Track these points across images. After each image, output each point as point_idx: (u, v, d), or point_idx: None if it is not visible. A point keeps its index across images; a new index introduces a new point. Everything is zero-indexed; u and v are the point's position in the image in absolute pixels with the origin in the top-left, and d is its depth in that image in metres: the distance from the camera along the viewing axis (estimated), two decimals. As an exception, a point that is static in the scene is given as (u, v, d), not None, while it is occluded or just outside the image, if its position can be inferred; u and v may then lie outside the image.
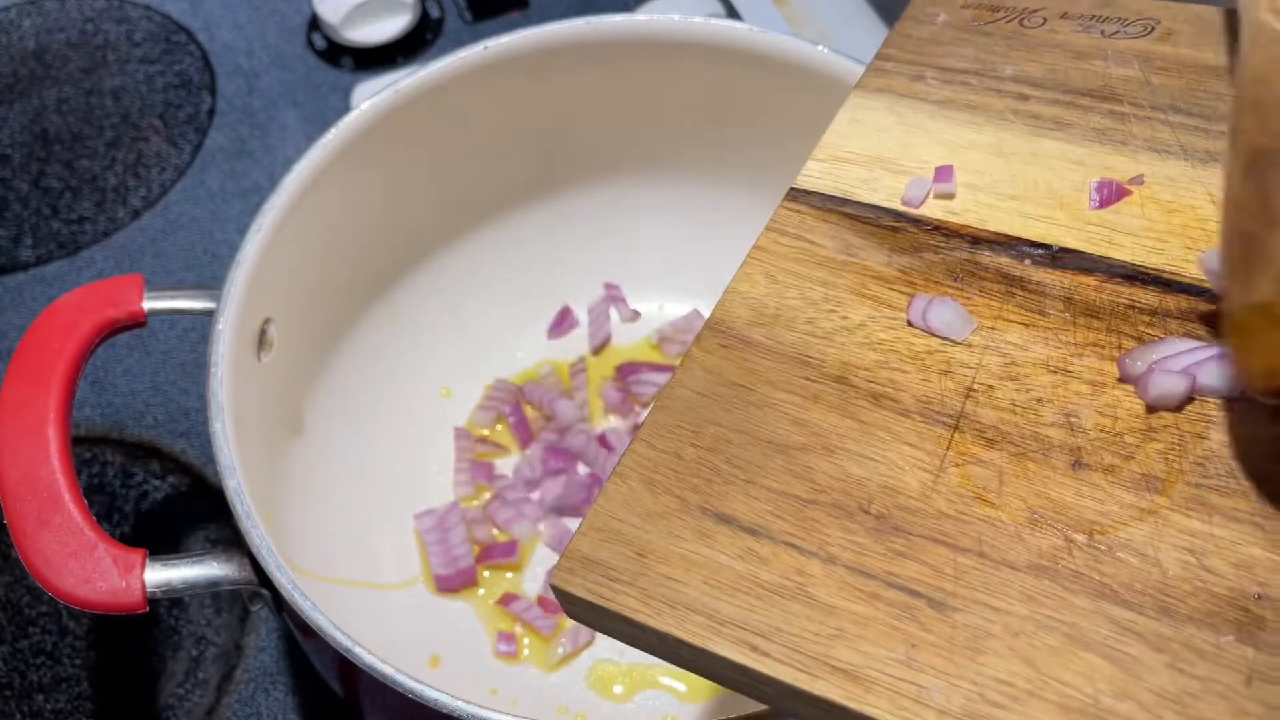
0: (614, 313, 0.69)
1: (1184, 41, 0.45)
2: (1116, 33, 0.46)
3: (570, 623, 0.58)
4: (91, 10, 0.89)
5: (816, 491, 0.35)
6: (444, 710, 0.40)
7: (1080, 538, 0.33)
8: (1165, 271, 0.38)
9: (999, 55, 0.46)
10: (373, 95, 0.56)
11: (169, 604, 0.61)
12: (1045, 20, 0.47)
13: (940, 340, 0.38)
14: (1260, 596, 0.31)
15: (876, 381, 0.37)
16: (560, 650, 0.58)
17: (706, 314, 0.68)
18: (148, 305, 0.51)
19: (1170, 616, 0.31)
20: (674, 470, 0.36)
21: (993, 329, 0.38)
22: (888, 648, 0.31)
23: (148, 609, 0.45)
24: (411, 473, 0.63)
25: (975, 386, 0.37)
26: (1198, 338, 0.36)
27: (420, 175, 0.61)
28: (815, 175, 0.44)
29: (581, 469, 0.63)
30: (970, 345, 0.38)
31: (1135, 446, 0.34)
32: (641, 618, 0.33)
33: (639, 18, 0.59)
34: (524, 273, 0.68)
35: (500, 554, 0.60)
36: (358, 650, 0.42)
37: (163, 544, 0.63)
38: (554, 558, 0.61)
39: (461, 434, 0.65)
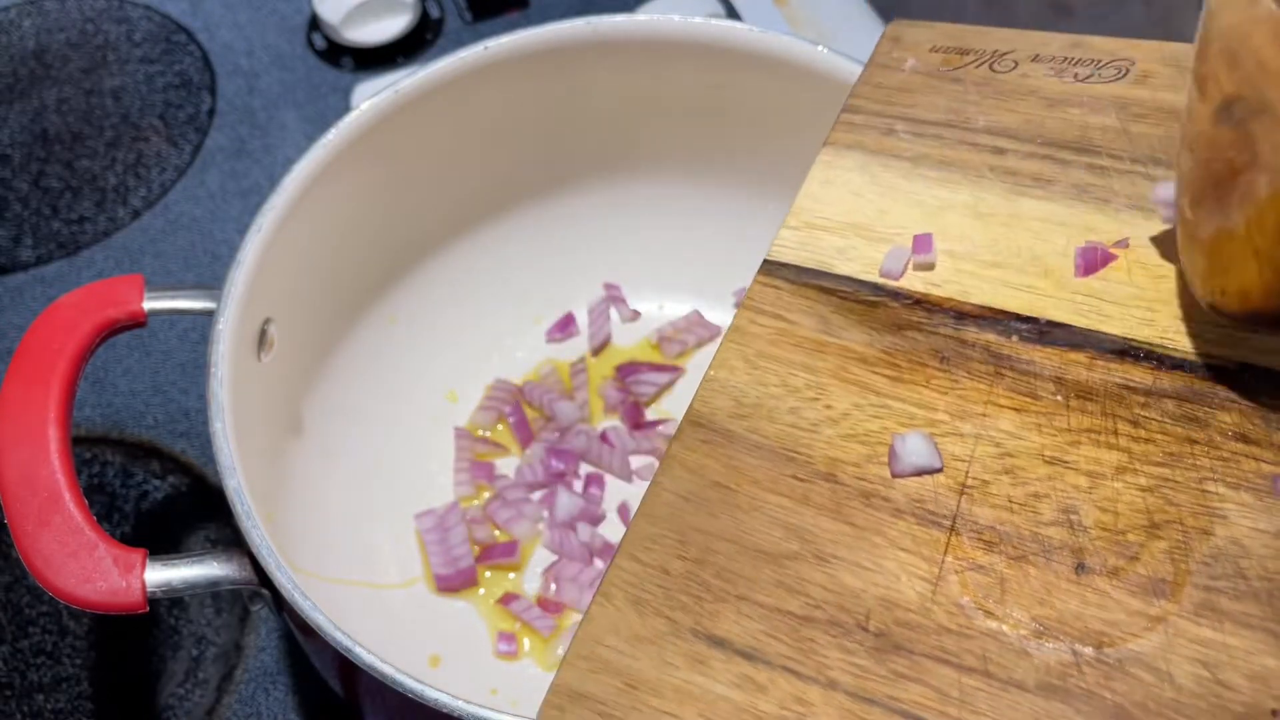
0: (614, 313, 0.69)
1: (1160, 84, 0.43)
2: (1090, 76, 0.44)
3: (571, 623, 0.58)
4: (91, 10, 0.89)
5: (811, 607, 0.33)
6: (444, 710, 0.40)
7: (1088, 651, 0.31)
8: (1157, 346, 0.37)
9: (971, 104, 0.44)
10: (373, 95, 0.56)
11: (169, 604, 0.61)
12: (1016, 64, 0.45)
13: (929, 428, 0.36)
14: (1277, 713, 0.30)
15: (866, 478, 0.35)
16: (560, 650, 0.58)
17: (707, 314, 0.68)
18: (148, 305, 0.51)
19: None
20: (661, 587, 0.34)
21: (984, 415, 0.36)
22: None
23: (148, 609, 0.45)
24: (411, 473, 0.63)
25: (969, 481, 0.35)
26: (1196, 420, 0.35)
27: (420, 175, 0.61)
28: (789, 245, 0.42)
29: (584, 468, 0.64)
30: (962, 435, 0.36)
31: (1139, 545, 0.33)
32: None
33: (639, 18, 0.59)
34: (524, 273, 0.68)
35: (500, 554, 0.60)
36: (358, 650, 0.42)
37: (163, 544, 0.63)
38: (553, 558, 0.61)
39: (462, 434, 0.65)
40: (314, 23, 0.86)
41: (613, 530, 0.61)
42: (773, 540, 0.35)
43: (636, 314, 0.69)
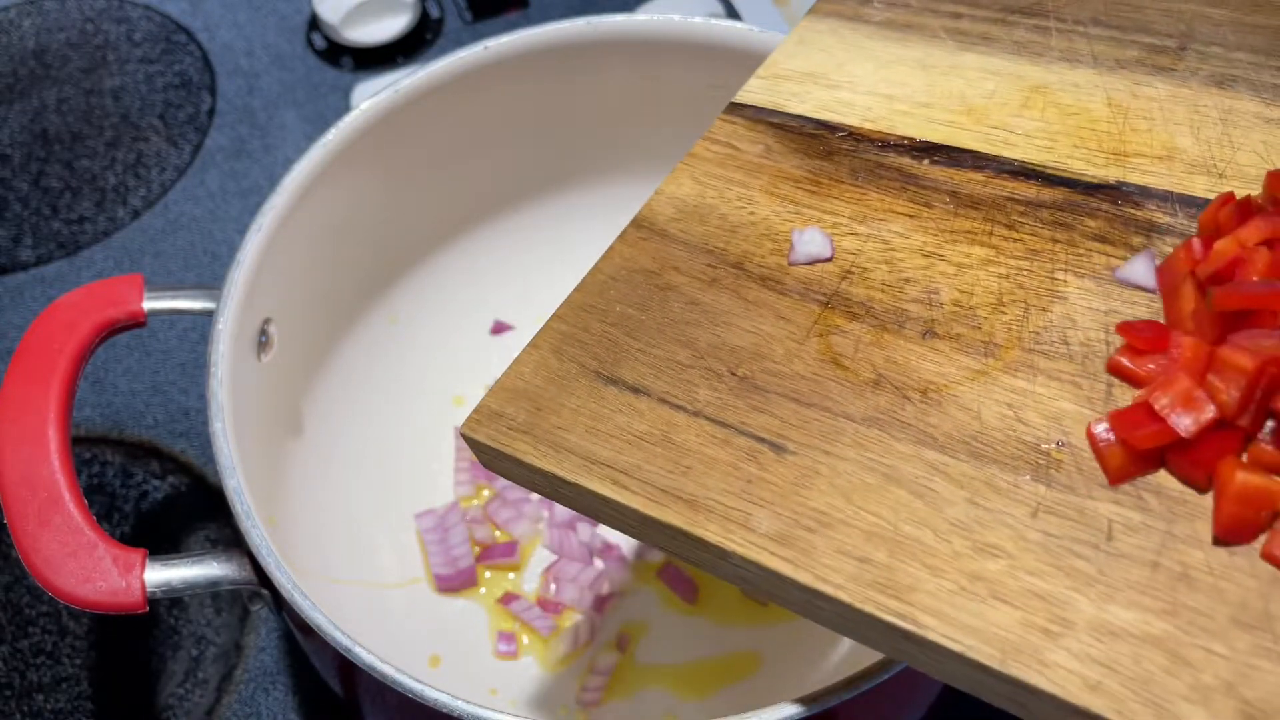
0: (614, 313, 0.69)
1: None
2: None
3: (570, 622, 0.58)
4: (91, 10, 0.89)
5: (696, 358, 0.39)
6: (444, 710, 0.40)
7: (915, 395, 0.37)
8: (1049, 167, 0.41)
9: None
10: (373, 95, 0.56)
11: (169, 604, 0.61)
12: None
13: (831, 229, 0.42)
14: (1062, 444, 0.34)
15: (767, 266, 0.41)
16: (560, 650, 0.58)
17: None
18: (148, 305, 0.51)
19: (978, 459, 0.35)
20: (580, 342, 0.40)
21: (881, 220, 0.41)
22: (727, 483, 0.36)
23: (148, 609, 0.45)
24: (411, 473, 0.63)
25: (853, 269, 0.40)
26: (1064, 225, 0.40)
27: (420, 175, 0.61)
28: (754, 91, 0.47)
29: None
30: (857, 234, 0.41)
31: (984, 318, 0.38)
32: (529, 459, 0.38)
33: (639, 18, 0.59)
34: (525, 272, 0.68)
35: (500, 554, 0.60)
36: (358, 650, 0.42)
37: (163, 544, 0.63)
38: (553, 558, 0.61)
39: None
40: (314, 23, 0.86)
41: (613, 530, 0.61)
42: (679, 311, 0.40)
43: (636, 314, 0.69)
